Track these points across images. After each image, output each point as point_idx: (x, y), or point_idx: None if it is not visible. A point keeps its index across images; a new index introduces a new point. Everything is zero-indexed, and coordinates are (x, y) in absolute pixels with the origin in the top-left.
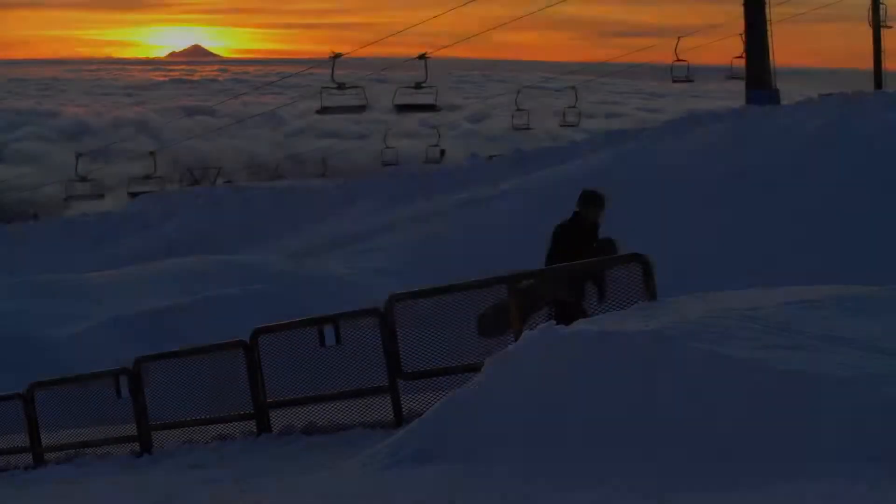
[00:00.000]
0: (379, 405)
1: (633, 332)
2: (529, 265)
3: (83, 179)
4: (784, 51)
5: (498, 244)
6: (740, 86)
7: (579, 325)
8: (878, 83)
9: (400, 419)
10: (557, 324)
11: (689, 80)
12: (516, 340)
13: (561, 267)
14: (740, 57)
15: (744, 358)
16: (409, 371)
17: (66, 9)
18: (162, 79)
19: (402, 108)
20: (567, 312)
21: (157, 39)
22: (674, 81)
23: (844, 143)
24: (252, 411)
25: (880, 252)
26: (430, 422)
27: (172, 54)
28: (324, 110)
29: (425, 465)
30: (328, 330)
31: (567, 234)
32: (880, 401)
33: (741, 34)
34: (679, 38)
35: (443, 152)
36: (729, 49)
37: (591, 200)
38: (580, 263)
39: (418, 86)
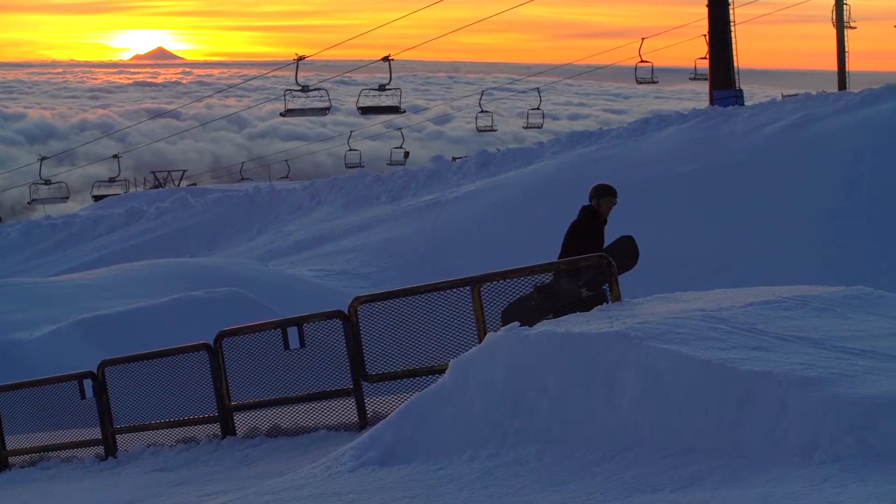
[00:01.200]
0: (343, 407)
1: (598, 333)
2: (494, 266)
3: (47, 182)
4: (748, 52)
5: (463, 246)
6: (704, 87)
7: (543, 326)
8: (842, 84)
9: (364, 421)
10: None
11: (653, 82)
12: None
13: (523, 269)
14: (704, 58)
15: (709, 359)
16: (374, 373)
17: (31, 12)
18: (126, 81)
19: (366, 111)
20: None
21: (120, 42)
22: (638, 83)
23: (808, 143)
24: (216, 414)
25: (844, 251)
26: (394, 424)
27: (136, 57)
28: (288, 112)
29: (390, 467)
30: (292, 332)
31: (584, 230)
32: (845, 401)
33: (705, 35)
34: (643, 39)
35: (407, 154)
36: (693, 50)
37: (607, 192)
38: (542, 266)
39: (382, 88)
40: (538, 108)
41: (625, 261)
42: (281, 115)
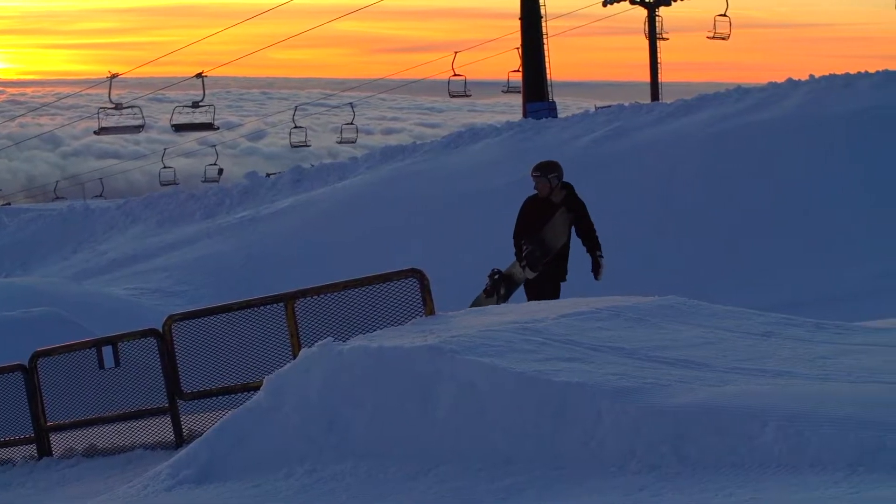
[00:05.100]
0: (160, 426)
1: (411, 347)
2: (309, 281)
3: None
4: (561, 64)
5: (277, 261)
6: (518, 99)
7: (357, 340)
8: (655, 95)
9: (181, 440)
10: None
11: (466, 95)
12: None
13: (336, 284)
14: (517, 71)
15: (523, 370)
16: (189, 391)
17: None
18: None
19: (180, 128)
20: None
21: None
22: (451, 96)
23: (622, 154)
24: (32, 435)
25: (655, 262)
26: (210, 441)
27: None
28: (101, 131)
29: (207, 484)
30: (107, 351)
31: (523, 211)
32: (659, 410)
33: (518, 48)
34: (456, 53)
35: (221, 171)
36: (506, 63)
37: (531, 173)
38: (356, 281)
39: (196, 105)
40: (352, 123)
41: (549, 243)
42: (95, 133)
